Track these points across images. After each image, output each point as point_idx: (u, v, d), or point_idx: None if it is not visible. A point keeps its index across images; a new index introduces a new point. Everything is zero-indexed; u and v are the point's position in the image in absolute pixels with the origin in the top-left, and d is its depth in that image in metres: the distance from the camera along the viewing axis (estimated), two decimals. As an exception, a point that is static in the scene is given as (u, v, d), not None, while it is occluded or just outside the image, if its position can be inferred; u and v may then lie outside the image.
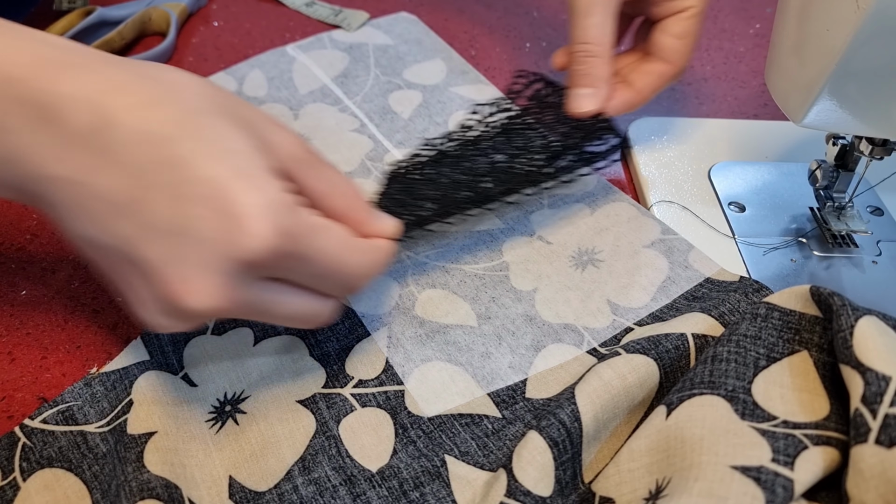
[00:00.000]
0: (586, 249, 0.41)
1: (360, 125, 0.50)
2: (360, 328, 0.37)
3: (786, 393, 0.30)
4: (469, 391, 0.35)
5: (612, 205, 0.44)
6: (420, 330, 0.38)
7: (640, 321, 0.38)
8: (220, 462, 0.32)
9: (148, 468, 0.30)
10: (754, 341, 0.31)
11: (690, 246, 0.41)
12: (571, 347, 0.37)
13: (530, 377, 0.36)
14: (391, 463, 0.32)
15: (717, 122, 0.51)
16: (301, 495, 0.31)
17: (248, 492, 0.31)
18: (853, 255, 0.42)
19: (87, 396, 0.34)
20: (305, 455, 0.32)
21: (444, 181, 0.39)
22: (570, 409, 0.31)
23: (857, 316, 0.29)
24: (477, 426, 0.34)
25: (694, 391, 0.30)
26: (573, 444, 0.31)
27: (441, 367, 0.36)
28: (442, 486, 0.31)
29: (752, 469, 0.27)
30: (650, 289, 0.39)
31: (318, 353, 0.36)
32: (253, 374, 0.35)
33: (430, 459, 0.32)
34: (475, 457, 0.32)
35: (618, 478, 0.30)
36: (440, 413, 0.34)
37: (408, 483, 0.32)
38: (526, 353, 0.37)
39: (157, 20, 0.58)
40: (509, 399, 0.35)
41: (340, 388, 0.35)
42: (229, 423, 0.33)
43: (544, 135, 0.42)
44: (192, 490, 0.31)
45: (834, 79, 0.34)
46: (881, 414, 0.26)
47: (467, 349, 0.37)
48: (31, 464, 0.32)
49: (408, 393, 0.35)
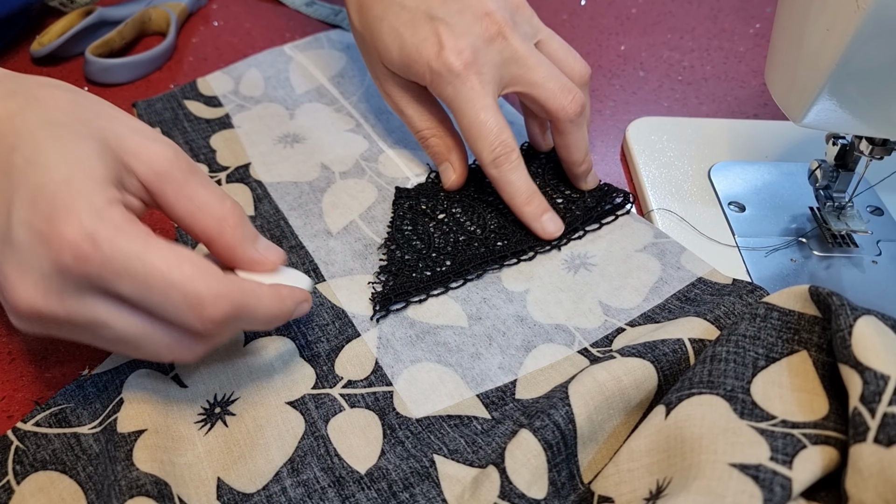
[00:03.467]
0: (579, 254, 0.41)
1: (355, 125, 0.50)
2: (350, 328, 0.37)
3: (784, 393, 0.30)
4: (458, 392, 0.35)
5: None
6: (410, 331, 0.37)
7: (632, 321, 0.38)
8: (208, 464, 0.32)
9: (137, 466, 0.30)
10: (753, 341, 0.31)
11: (682, 248, 0.41)
12: (562, 347, 0.37)
13: (520, 378, 0.36)
14: (379, 464, 0.32)
15: (717, 122, 0.51)
16: (289, 497, 0.31)
17: (237, 493, 0.31)
18: (853, 254, 0.42)
19: (79, 398, 0.34)
20: (294, 456, 0.32)
21: (460, 236, 0.41)
22: (564, 410, 0.31)
23: (855, 315, 0.29)
24: (466, 427, 0.33)
25: (693, 391, 0.30)
26: (567, 446, 0.31)
27: (430, 368, 0.36)
28: (432, 487, 0.31)
29: (750, 467, 0.27)
30: (642, 290, 0.39)
31: (308, 353, 0.36)
32: (243, 375, 0.35)
33: (419, 460, 0.32)
34: (464, 454, 0.32)
35: (617, 477, 0.30)
36: (428, 414, 0.34)
37: (397, 484, 0.31)
38: (516, 354, 0.37)
39: (157, 20, 0.58)
40: (499, 400, 0.35)
41: (329, 388, 0.35)
42: (218, 424, 0.33)
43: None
44: (181, 488, 0.31)
45: (834, 79, 0.34)
46: (880, 413, 0.26)
47: (457, 350, 0.37)
48: (24, 467, 0.31)
49: (396, 394, 0.35)
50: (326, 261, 0.41)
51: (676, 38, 0.60)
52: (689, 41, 0.60)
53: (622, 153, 0.50)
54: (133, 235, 0.27)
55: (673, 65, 0.58)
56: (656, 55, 0.59)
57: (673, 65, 0.58)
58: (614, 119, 0.52)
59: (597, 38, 0.60)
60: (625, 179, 0.48)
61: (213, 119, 0.50)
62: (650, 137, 0.49)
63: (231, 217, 0.30)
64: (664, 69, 0.57)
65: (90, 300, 0.27)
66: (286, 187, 0.45)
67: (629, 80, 0.56)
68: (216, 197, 0.30)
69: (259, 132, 0.49)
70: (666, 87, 0.55)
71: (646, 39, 0.60)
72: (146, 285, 0.27)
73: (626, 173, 0.48)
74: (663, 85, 0.56)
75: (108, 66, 0.52)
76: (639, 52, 0.59)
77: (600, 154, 0.50)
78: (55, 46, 0.53)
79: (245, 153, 0.47)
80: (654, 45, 0.60)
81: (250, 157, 0.47)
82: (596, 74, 0.56)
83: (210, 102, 0.51)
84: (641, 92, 0.55)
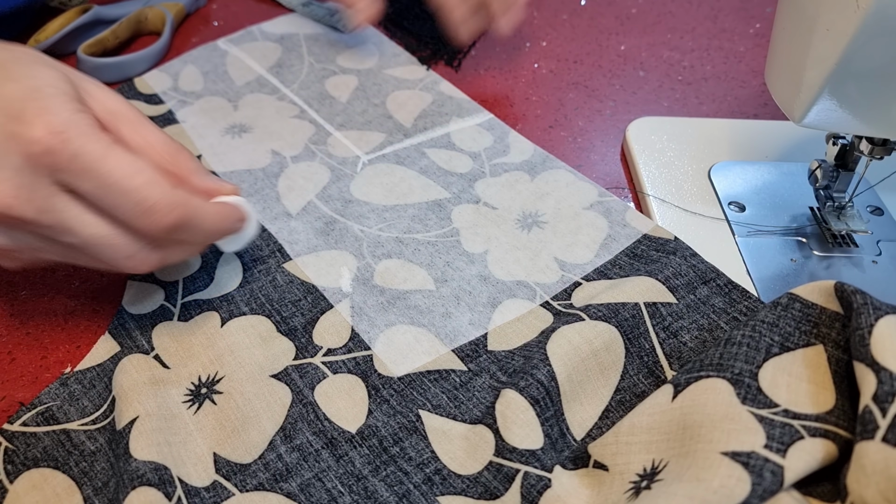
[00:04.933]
0: (530, 213, 0.44)
1: (300, 111, 0.51)
2: (322, 302, 0.39)
3: (793, 382, 0.30)
4: (434, 349, 0.37)
5: (550, 172, 0.47)
6: (381, 298, 0.39)
7: (587, 276, 0.41)
8: (202, 441, 0.33)
9: (135, 456, 0.31)
10: (771, 328, 0.32)
11: (627, 206, 0.44)
12: (525, 302, 0.39)
13: (490, 331, 0.38)
14: (368, 422, 0.34)
15: (717, 122, 0.51)
16: (286, 462, 0.32)
17: (235, 465, 0.32)
18: (853, 254, 0.42)
19: (64, 396, 0.34)
20: (285, 424, 0.33)
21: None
22: (545, 369, 0.33)
23: (877, 315, 0.29)
24: (445, 380, 0.35)
25: (701, 373, 0.31)
26: (553, 402, 0.33)
27: (405, 330, 0.38)
28: (420, 439, 0.33)
29: (742, 454, 0.27)
30: (593, 246, 0.42)
31: (284, 328, 0.37)
32: (225, 356, 0.36)
33: (406, 416, 0.34)
34: (447, 409, 0.34)
35: (615, 448, 0.31)
36: (409, 372, 0.36)
37: (387, 440, 0.33)
38: (484, 310, 0.39)
39: (153, 20, 0.58)
40: (473, 353, 0.37)
41: (311, 357, 0.36)
42: (206, 403, 0.34)
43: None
44: (180, 468, 0.31)
45: (834, 79, 0.34)
46: (891, 413, 0.26)
47: (428, 311, 0.39)
48: (16, 466, 0.32)
49: (376, 356, 0.36)
50: (290, 240, 0.42)
51: (676, 38, 0.61)
52: (689, 41, 0.60)
53: (622, 153, 0.50)
54: (98, 138, 0.29)
55: (673, 65, 0.58)
56: (656, 55, 0.59)
57: (673, 65, 0.58)
58: (614, 119, 0.52)
59: (597, 38, 0.60)
60: (625, 179, 0.48)
61: (156, 116, 0.50)
62: (650, 137, 0.49)
63: (183, 152, 0.34)
64: (664, 69, 0.57)
65: (57, 198, 0.29)
66: (240, 175, 0.46)
67: (629, 80, 0.56)
68: (167, 136, 0.34)
69: (205, 125, 0.50)
70: (666, 86, 0.55)
71: (646, 39, 0.60)
72: (105, 185, 0.29)
73: (626, 173, 0.48)
74: (663, 85, 0.56)
75: (98, 65, 0.52)
76: (639, 52, 0.59)
77: (600, 154, 0.50)
78: (50, 44, 0.53)
79: (195, 146, 0.48)
80: (655, 45, 0.60)
81: (200, 149, 0.48)
82: (596, 74, 0.56)
83: (151, 100, 0.51)
84: (641, 92, 0.55)
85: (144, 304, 0.38)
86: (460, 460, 0.32)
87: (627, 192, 0.47)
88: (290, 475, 0.32)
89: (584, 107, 0.53)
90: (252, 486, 0.31)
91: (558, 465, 0.31)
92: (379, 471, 0.32)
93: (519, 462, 0.31)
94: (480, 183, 0.46)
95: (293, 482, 0.32)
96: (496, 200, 0.45)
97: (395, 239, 0.42)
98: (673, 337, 0.36)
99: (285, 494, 0.31)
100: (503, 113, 0.52)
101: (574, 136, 0.51)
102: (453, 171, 0.47)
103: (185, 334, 0.37)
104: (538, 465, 0.31)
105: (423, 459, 0.32)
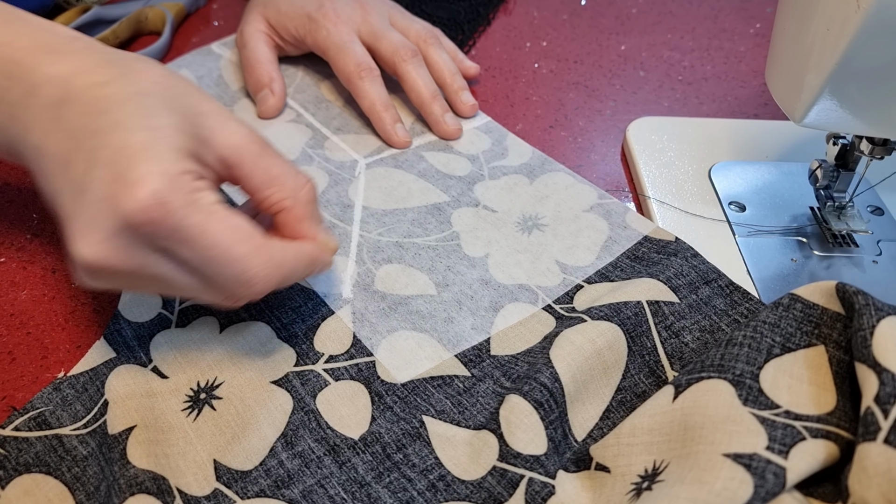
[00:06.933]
0: (530, 216, 0.44)
1: (296, 115, 0.51)
2: (323, 308, 0.38)
3: (794, 383, 0.30)
4: (437, 355, 0.36)
5: (549, 174, 0.47)
6: (382, 303, 0.39)
7: (589, 279, 0.40)
8: (202, 448, 0.32)
9: (133, 463, 0.31)
10: (772, 328, 0.32)
11: (627, 208, 0.44)
12: (528, 305, 0.39)
13: (493, 335, 0.37)
14: (371, 429, 0.33)
15: (717, 122, 0.51)
16: (287, 469, 0.32)
17: (235, 472, 0.32)
18: (853, 254, 0.42)
19: (57, 400, 0.34)
20: (287, 431, 0.33)
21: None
22: (548, 372, 0.33)
23: (879, 316, 0.29)
24: (449, 386, 0.35)
25: (703, 374, 0.31)
26: (558, 404, 0.33)
27: (407, 336, 0.37)
28: (423, 446, 0.33)
29: (744, 456, 0.27)
30: (594, 248, 0.42)
31: (284, 334, 0.37)
32: (224, 361, 0.36)
33: (409, 422, 0.34)
34: (451, 414, 0.34)
35: (616, 449, 0.31)
36: (412, 378, 0.35)
37: (390, 446, 0.33)
38: (486, 315, 0.38)
39: (153, 19, 0.58)
40: (476, 358, 0.36)
41: (312, 364, 0.36)
42: (206, 409, 0.34)
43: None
44: (178, 479, 0.31)
45: (834, 79, 0.34)
46: (893, 415, 0.26)
47: (430, 316, 0.38)
48: (8, 472, 0.31)
49: (378, 363, 0.36)
50: None
51: (676, 38, 0.61)
52: (690, 41, 0.60)
53: (622, 153, 0.50)
54: (199, 207, 0.28)
55: (673, 65, 0.58)
56: (656, 55, 0.59)
57: (673, 65, 0.58)
58: (614, 119, 0.52)
59: (597, 38, 0.60)
60: (625, 179, 0.48)
61: None
62: (650, 137, 0.49)
63: (305, 191, 0.33)
64: (664, 69, 0.57)
65: (153, 257, 0.29)
66: None
67: (629, 79, 0.56)
68: (291, 170, 0.33)
69: None
70: (666, 86, 0.55)
71: (646, 39, 0.60)
72: (205, 257, 0.29)
73: (626, 173, 0.48)
74: (663, 85, 0.56)
75: None
76: (639, 52, 0.59)
77: (600, 154, 0.50)
78: (52, 45, 0.53)
79: None
80: (655, 45, 0.60)
81: None
82: (596, 74, 0.56)
83: None
84: (642, 92, 0.55)
85: (141, 310, 0.37)
86: (464, 466, 0.32)
87: (627, 193, 0.47)
88: (293, 482, 0.32)
89: (584, 107, 0.53)
90: (253, 492, 0.31)
91: (561, 469, 0.31)
92: (382, 477, 0.32)
93: (524, 468, 0.31)
94: (479, 186, 0.46)
95: (295, 489, 0.31)
96: (496, 203, 0.45)
97: (395, 243, 0.42)
98: (675, 337, 0.36)
99: (287, 501, 0.31)
100: (503, 113, 0.52)
101: (574, 136, 0.51)
102: (452, 175, 0.46)
103: (183, 341, 0.36)
104: (542, 471, 0.31)
105: (427, 466, 0.32)
